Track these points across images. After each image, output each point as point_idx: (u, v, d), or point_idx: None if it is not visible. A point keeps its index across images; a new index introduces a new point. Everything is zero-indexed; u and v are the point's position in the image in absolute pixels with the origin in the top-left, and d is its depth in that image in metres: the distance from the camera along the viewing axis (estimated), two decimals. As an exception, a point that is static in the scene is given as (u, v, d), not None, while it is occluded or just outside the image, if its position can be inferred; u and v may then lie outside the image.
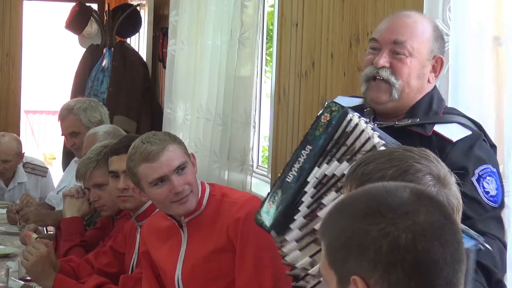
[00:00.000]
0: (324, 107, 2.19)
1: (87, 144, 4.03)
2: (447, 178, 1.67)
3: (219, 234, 2.82)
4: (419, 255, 1.34)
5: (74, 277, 3.27)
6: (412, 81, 2.39)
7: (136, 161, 2.82)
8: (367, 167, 1.65)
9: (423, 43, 2.39)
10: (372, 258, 1.34)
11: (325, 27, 3.67)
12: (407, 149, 1.71)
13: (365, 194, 1.43)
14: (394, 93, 2.39)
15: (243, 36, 4.38)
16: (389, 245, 1.34)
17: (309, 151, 2.18)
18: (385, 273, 1.34)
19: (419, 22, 2.41)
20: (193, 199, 2.84)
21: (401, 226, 1.35)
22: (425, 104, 2.41)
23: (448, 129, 2.32)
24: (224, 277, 2.83)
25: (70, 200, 3.71)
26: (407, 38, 2.38)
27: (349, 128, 2.08)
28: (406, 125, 2.36)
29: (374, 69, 2.40)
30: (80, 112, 4.50)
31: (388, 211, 1.37)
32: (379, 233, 1.35)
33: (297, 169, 2.19)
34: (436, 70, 2.43)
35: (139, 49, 6.99)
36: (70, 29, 6.89)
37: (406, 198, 1.39)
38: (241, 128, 4.43)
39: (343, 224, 1.39)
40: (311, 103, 3.80)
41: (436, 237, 1.36)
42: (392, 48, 2.39)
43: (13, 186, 5.29)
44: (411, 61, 2.38)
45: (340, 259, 1.38)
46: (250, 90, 4.37)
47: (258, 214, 2.26)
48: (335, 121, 2.13)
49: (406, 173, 1.64)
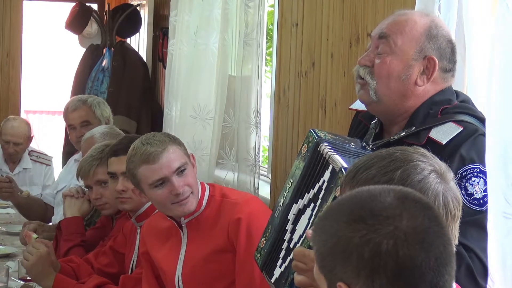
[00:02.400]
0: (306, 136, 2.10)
1: (86, 147, 4.02)
2: (447, 173, 1.67)
3: (219, 234, 2.82)
4: (401, 261, 1.34)
5: (74, 277, 3.27)
6: (391, 82, 2.21)
7: (136, 163, 2.82)
8: (369, 171, 1.63)
9: (409, 41, 2.20)
10: (355, 264, 1.35)
11: (325, 27, 3.67)
12: (404, 150, 1.69)
13: (350, 199, 1.44)
14: (371, 93, 2.22)
15: (248, 36, 4.37)
16: (371, 252, 1.34)
17: (290, 185, 2.12)
18: (369, 279, 1.35)
19: (410, 20, 2.23)
20: (193, 200, 2.84)
21: (382, 232, 1.35)
22: (423, 112, 2.21)
23: (441, 131, 2.15)
24: (224, 278, 2.83)
25: (70, 200, 3.71)
26: (392, 33, 2.21)
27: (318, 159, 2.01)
28: (401, 137, 2.18)
29: (358, 68, 2.28)
30: (94, 104, 4.53)
31: (370, 217, 1.37)
32: (361, 239, 1.35)
33: (281, 203, 2.14)
34: (429, 71, 2.21)
35: (139, 49, 6.99)
36: (70, 29, 6.89)
37: (388, 203, 1.39)
38: (242, 129, 4.43)
39: (329, 230, 1.40)
40: (311, 103, 3.80)
41: (419, 241, 1.35)
42: (377, 43, 2.23)
43: (18, 171, 5.39)
44: (391, 60, 2.20)
45: (328, 265, 1.39)
46: (250, 90, 4.37)
47: (256, 251, 2.22)
48: (309, 154, 2.05)
49: (413, 173, 1.63)
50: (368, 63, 2.24)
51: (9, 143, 5.30)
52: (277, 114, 4.21)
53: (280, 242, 2.13)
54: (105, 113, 4.55)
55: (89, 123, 4.48)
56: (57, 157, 6.68)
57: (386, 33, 2.23)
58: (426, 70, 2.22)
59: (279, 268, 2.12)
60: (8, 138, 5.30)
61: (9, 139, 5.30)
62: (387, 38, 2.22)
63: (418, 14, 2.31)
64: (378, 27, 2.29)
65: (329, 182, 1.98)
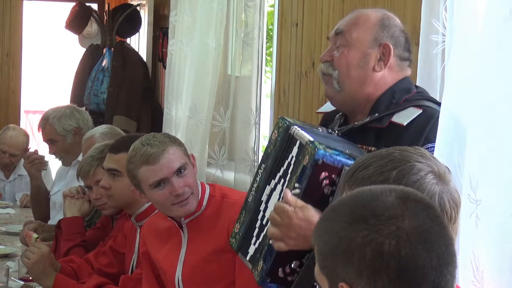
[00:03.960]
0: (276, 123, 2.25)
1: (86, 147, 4.04)
2: (446, 174, 1.67)
3: (219, 234, 2.82)
4: (403, 261, 1.34)
5: (75, 277, 3.27)
6: (351, 71, 2.36)
7: (136, 164, 2.82)
8: (366, 170, 1.64)
9: (364, 32, 2.36)
10: (357, 265, 1.35)
11: (325, 27, 3.67)
12: (403, 149, 1.70)
13: (351, 199, 1.43)
14: (335, 83, 2.37)
15: (248, 36, 4.37)
16: (373, 252, 1.34)
17: (263, 170, 2.24)
18: (371, 280, 1.34)
19: (363, 15, 2.40)
20: (194, 200, 2.84)
21: (384, 232, 1.35)
22: (386, 100, 2.36)
23: (402, 115, 2.29)
24: (224, 278, 2.83)
25: (71, 200, 3.71)
26: (346, 29, 2.37)
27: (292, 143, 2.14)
28: (365, 122, 2.34)
29: (320, 65, 2.43)
30: (54, 121, 4.58)
31: (372, 217, 1.37)
32: (363, 240, 1.35)
33: (255, 188, 2.26)
34: (385, 58, 2.37)
35: (139, 49, 6.98)
36: (70, 29, 6.89)
37: (390, 203, 1.39)
38: (242, 129, 4.43)
39: (330, 231, 1.40)
40: (311, 103, 3.80)
41: (421, 241, 1.35)
42: (334, 40, 2.40)
43: (13, 178, 5.35)
44: (348, 51, 2.35)
45: (329, 265, 1.39)
46: (250, 90, 4.37)
47: (230, 236, 2.31)
48: (280, 138, 2.20)
49: (409, 173, 1.63)
50: (329, 58, 2.40)
51: (6, 153, 5.22)
52: (277, 114, 4.21)
53: (254, 222, 2.24)
54: (68, 126, 4.56)
55: (53, 140, 4.54)
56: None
57: (341, 29, 2.39)
58: (382, 56, 2.37)
59: (253, 245, 2.22)
60: (5, 148, 5.22)
61: (6, 149, 5.22)
62: (342, 33, 2.38)
63: (371, 10, 2.49)
64: (335, 27, 2.44)
65: (297, 156, 2.11)
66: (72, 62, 7.51)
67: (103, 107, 6.37)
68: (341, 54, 2.37)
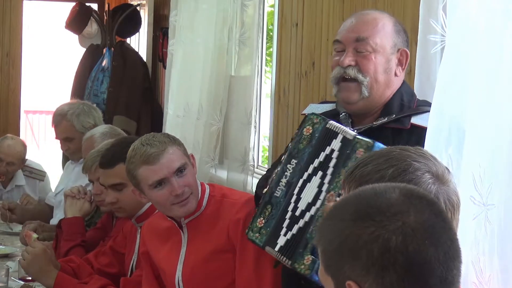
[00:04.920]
0: (305, 120, 2.28)
1: (86, 147, 4.04)
2: (445, 175, 1.67)
3: (219, 234, 2.82)
4: (411, 256, 1.34)
5: (75, 277, 3.27)
6: (379, 76, 2.40)
7: (135, 164, 2.82)
8: (365, 168, 1.65)
9: (385, 38, 2.41)
10: (364, 262, 1.35)
11: (325, 27, 3.67)
12: (403, 149, 1.71)
13: (355, 197, 1.43)
14: (364, 90, 2.40)
15: (244, 36, 4.38)
16: (380, 248, 1.34)
17: (294, 165, 2.26)
18: (378, 276, 1.34)
19: (378, 18, 2.44)
20: (194, 200, 2.84)
21: (390, 228, 1.35)
22: (397, 101, 2.43)
23: (424, 119, 2.34)
24: (224, 278, 2.83)
25: (72, 200, 3.72)
26: (369, 35, 2.40)
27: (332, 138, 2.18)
28: (384, 123, 2.39)
29: (341, 69, 2.42)
30: (73, 118, 4.53)
31: (378, 213, 1.37)
32: (369, 236, 1.35)
33: (285, 183, 2.27)
34: (402, 63, 2.45)
35: (139, 49, 6.98)
36: (70, 29, 6.89)
37: (395, 199, 1.39)
38: (241, 128, 4.43)
39: (335, 229, 1.40)
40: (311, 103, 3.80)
41: (427, 236, 1.35)
42: (355, 46, 2.41)
43: (11, 188, 5.29)
44: (375, 57, 2.39)
45: (335, 265, 1.39)
46: (250, 90, 4.37)
47: (250, 231, 2.32)
48: (318, 133, 2.23)
49: (405, 172, 1.63)
50: (353, 63, 2.41)
51: (3, 161, 5.15)
52: (277, 114, 4.21)
53: (284, 215, 2.27)
54: (87, 123, 4.53)
55: (71, 138, 4.50)
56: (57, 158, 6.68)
57: (364, 36, 2.40)
58: (399, 62, 2.45)
59: (283, 236, 2.24)
60: (2, 157, 5.16)
61: (3, 157, 5.15)
62: (366, 39, 2.40)
63: (379, 12, 2.53)
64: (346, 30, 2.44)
65: (341, 150, 2.18)
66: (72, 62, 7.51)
67: (103, 107, 6.36)
68: (369, 60, 2.40)
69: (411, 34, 3.01)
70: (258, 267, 2.76)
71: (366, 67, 2.39)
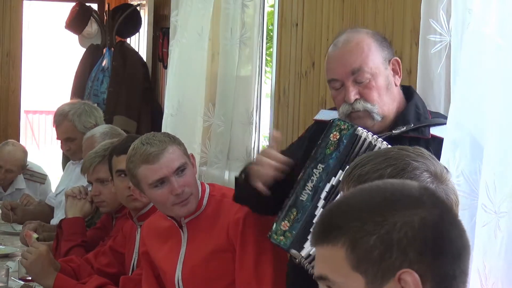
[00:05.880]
0: (332, 125, 2.30)
1: (86, 147, 4.04)
2: (443, 174, 1.68)
3: (219, 234, 2.82)
4: (461, 244, 1.38)
5: (75, 277, 3.27)
6: (384, 98, 2.44)
7: (135, 163, 2.82)
8: (363, 168, 1.65)
9: (375, 58, 2.43)
10: (418, 248, 1.33)
11: (325, 27, 3.67)
12: (402, 148, 1.72)
13: (376, 189, 1.41)
14: (376, 116, 2.44)
15: (244, 36, 4.38)
16: (434, 233, 1.34)
17: (321, 170, 2.28)
18: (434, 259, 1.34)
19: (361, 41, 2.45)
20: (194, 200, 2.84)
21: (435, 212, 1.36)
22: (413, 111, 2.47)
23: (442, 130, 2.35)
24: (224, 278, 2.83)
25: (72, 200, 3.71)
26: (361, 63, 2.42)
27: (360, 144, 2.22)
28: (402, 132, 2.42)
29: (349, 106, 2.44)
30: (74, 118, 4.51)
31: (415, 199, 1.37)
32: (421, 221, 1.34)
33: (311, 187, 2.29)
34: (397, 71, 2.48)
35: (139, 49, 6.98)
36: (70, 29, 6.88)
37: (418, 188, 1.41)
38: (242, 129, 4.43)
39: (367, 224, 1.34)
40: (311, 103, 3.80)
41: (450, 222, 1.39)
42: (353, 78, 2.43)
43: (11, 192, 5.27)
44: (375, 81, 2.42)
45: (376, 258, 1.33)
46: (250, 90, 4.37)
47: (273, 234, 2.31)
48: (347, 139, 2.26)
49: (403, 171, 1.64)
50: (358, 96, 2.43)
51: (2, 168, 5.13)
52: (277, 114, 4.21)
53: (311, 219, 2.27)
54: (88, 123, 4.50)
55: (72, 139, 4.49)
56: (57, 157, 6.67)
57: (356, 67, 2.43)
58: (394, 72, 2.48)
59: None
60: (1, 163, 5.13)
61: (2, 164, 5.13)
62: (360, 69, 2.42)
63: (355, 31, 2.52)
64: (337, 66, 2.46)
65: None
66: (72, 62, 7.51)
67: (103, 107, 6.36)
68: (370, 88, 2.43)
69: (411, 34, 3.01)
70: (258, 267, 2.76)
71: (371, 96, 2.43)
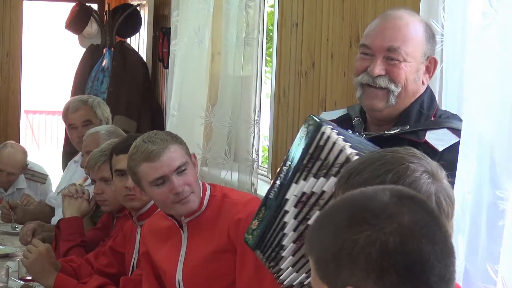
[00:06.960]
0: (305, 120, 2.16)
1: (88, 142, 4.02)
2: (438, 172, 1.68)
3: (219, 234, 2.82)
4: (410, 256, 1.34)
5: (75, 277, 3.27)
6: (409, 85, 2.34)
7: (137, 160, 2.82)
8: (361, 175, 1.64)
9: (417, 46, 2.34)
10: (363, 266, 1.34)
11: (325, 27, 3.67)
12: (395, 151, 1.70)
13: (346, 203, 1.43)
14: (392, 99, 2.34)
15: (248, 37, 4.38)
16: (379, 251, 1.34)
17: (288, 167, 2.16)
18: (379, 279, 1.34)
19: (411, 24, 2.35)
20: (195, 199, 2.84)
21: (387, 230, 1.35)
22: (415, 110, 2.37)
23: (437, 136, 2.29)
24: (225, 278, 2.83)
25: (69, 200, 3.70)
26: (401, 44, 2.32)
27: (322, 142, 2.05)
28: (396, 133, 2.32)
29: (370, 78, 2.35)
30: (95, 104, 4.54)
31: (372, 217, 1.36)
32: (366, 240, 1.34)
33: (278, 185, 2.17)
34: (430, 71, 2.38)
35: (139, 49, 6.99)
36: (70, 29, 6.89)
37: (387, 201, 1.39)
38: (242, 129, 4.43)
39: (329, 237, 1.39)
40: (311, 103, 3.80)
41: (424, 235, 1.36)
42: (386, 54, 2.33)
43: (11, 192, 5.26)
44: (406, 66, 2.32)
45: (332, 272, 1.38)
46: (250, 90, 4.37)
47: (246, 232, 2.25)
48: (309, 135, 2.10)
49: (404, 175, 1.63)
50: (383, 72, 2.34)
51: (3, 171, 5.10)
52: (277, 114, 4.21)
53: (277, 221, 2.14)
54: (105, 113, 4.56)
55: (90, 122, 4.49)
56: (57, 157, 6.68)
57: (394, 45, 2.32)
58: (427, 69, 2.37)
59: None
60: (1, 167, 5.10)
61: (3, 168, 5.10)
62: (397, 49, 2.32)
63: (411, 14, 2.41)
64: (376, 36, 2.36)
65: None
66: (72, 62, 7.52)
67: (103, 107, 6.37)
68: (400, 69, 2.33)
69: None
70: (259, 268, 2.76)
71: (398, 76, 2.33)
